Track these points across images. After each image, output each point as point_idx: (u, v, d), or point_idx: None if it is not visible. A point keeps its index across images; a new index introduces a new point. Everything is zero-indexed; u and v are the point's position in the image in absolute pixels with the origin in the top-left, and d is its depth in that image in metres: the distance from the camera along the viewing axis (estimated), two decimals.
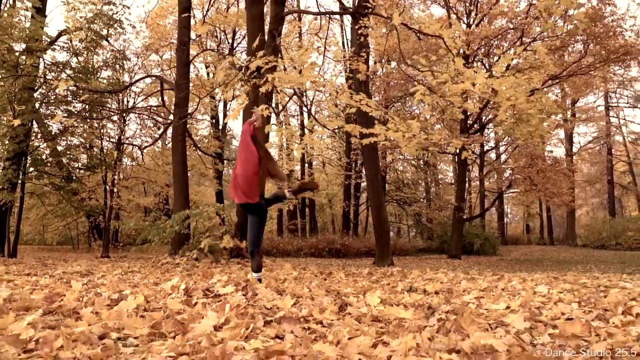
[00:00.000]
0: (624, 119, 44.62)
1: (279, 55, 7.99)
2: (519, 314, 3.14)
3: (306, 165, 32.63)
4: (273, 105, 21.11)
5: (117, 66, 18.76)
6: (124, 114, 18.65)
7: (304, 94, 22.76)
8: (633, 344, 2.41)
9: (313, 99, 29.82)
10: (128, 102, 19.72)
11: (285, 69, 8.43)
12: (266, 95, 7.97)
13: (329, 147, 36.30)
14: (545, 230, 45.94)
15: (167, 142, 26.32)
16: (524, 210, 47.66)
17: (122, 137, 20.28)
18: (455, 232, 21.38)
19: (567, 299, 3.88)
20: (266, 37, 9.41)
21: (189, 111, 13.40)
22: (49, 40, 16.44)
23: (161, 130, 18.02)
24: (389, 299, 3.85)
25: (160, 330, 2.72)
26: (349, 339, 2.49)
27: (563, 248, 35.27)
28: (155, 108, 18.23)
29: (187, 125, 22.39)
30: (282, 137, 25.54)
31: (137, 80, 17.38)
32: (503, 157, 30.30)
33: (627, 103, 42.92)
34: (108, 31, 18.93)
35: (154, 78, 17.31)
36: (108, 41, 18.85)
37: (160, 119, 18.64)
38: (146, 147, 19.84)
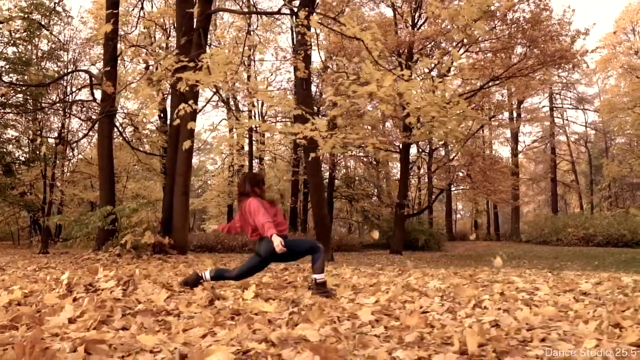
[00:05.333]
0: (567, 120, 46.24)
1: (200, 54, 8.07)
2: (370, 309, 3.39)
3: (256, 160, 32.66)
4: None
5: (54, 58, 18.36)
6: (57, 108, 18.26)
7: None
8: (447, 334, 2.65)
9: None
10: (68, 95, 19.38)
11: (208, 68, 8.48)
12: (190, 93, 8.05)
13: (280, 143, 36.29)
14: (492, 226, 47.12)
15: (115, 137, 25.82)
16: (471, 207, 48.84)
17: (62, 131, 19.87)
18: (397, 228, 21.85)
19: (432, 294, 4.16)
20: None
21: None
22: None
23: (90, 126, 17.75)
24: (266, 294, 4.04)
25: (17, 323, 2.83)
26: (184, 330, 2.68)
27: (507, 244, 35.94)
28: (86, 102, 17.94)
29: (135, 119, 21.99)
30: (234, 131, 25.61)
31: (65, 75, 17.06)
32: (451, 154, 30.96)
33: (570, 104, 44.49)
34: (49, 21, 18.51)
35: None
36: (49, 31, 18.43)
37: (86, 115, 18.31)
38: (76, 142, 19.53)
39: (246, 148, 30.68)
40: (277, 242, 4.27)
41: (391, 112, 7.90)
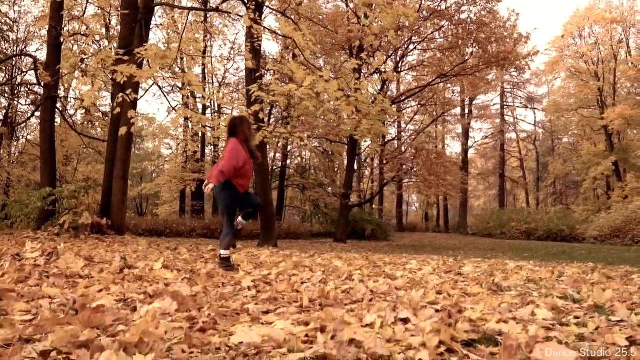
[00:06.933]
0: (517, 118, 47.79)
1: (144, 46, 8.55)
2: (252, 278, 4.08)
3: (210, 147, 32.92)
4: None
5: (0, 38, 18.27)
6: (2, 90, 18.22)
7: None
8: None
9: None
10: (15, 77, 19.27)
11: (149, 61, 8.96)
12: (130, 83, 8.50)
13: None
14: (441, 219, 48.46)
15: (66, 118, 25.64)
16: (423, 199, 50.05)
17: (8, 112, 19.82)
18: (341, 218, 22.62)
19: (316, 270, 4.90)
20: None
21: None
22: None
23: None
24: (175, 266, 4.68)
25: None
26: (86, 287, 3.29)
27: (454, 236, 36.97)
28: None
29: (86, 103, 21.98)
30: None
31: (9, 57, 17.10)
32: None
33: (521, 103, 46.06)
34: None
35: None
36: None
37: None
38: (19, 124, 19.56)
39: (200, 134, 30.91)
40: (207, 187, 5.12)
41: (315, 108, 8.57)
